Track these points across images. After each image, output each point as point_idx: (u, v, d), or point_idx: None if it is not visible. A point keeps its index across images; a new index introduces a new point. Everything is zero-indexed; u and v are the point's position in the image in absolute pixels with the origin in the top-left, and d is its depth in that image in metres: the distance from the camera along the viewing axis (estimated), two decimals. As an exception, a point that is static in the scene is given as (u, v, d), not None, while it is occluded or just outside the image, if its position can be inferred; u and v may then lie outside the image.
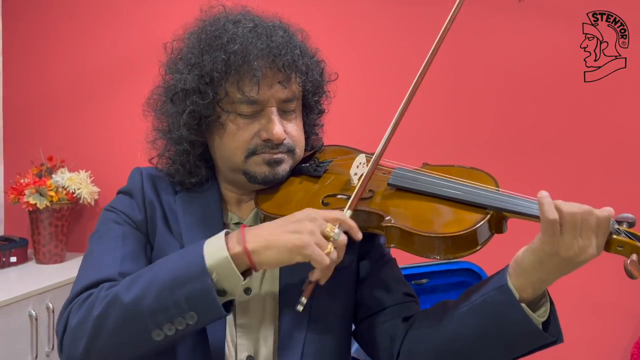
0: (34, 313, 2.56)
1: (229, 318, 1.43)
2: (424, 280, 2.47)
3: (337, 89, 1.62)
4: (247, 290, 1.44)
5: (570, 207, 1.14)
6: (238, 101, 1.40)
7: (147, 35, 3.21)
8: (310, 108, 1.59)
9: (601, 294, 2.73)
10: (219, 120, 1.44)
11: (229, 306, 1.25)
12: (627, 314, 2.74)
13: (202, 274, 1.18)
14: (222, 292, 1.21)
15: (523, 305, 1.20)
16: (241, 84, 1.39)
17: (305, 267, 1.38)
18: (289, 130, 1.46)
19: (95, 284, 1.31)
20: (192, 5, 1.49)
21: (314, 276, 1.24)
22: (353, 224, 1.26)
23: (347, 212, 1.30)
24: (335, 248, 1.21)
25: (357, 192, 1.34)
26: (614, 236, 1.18)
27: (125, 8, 3.33)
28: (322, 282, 1.25)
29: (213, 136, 1.48)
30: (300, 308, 1.22)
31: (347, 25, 3.01)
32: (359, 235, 1.26)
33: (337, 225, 1.23)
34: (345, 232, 1.26)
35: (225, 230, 1.26)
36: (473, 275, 2.45)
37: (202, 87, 1.40)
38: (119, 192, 1.56)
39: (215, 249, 1.21)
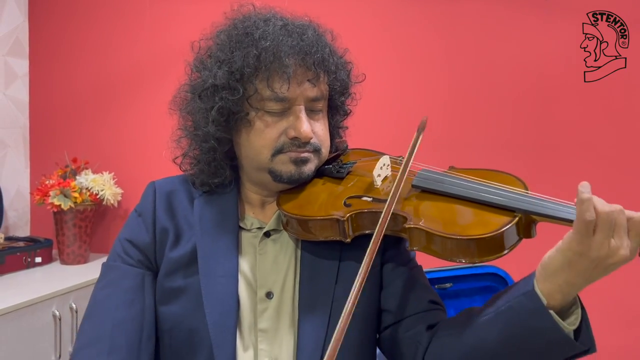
0: (57, 313, 2.55)
1: (250, 323, 1.39)
2: (448, 285, 2.37)
3: (362, 91, 1.59)
4: (269, 295, 1.40)
5: (606, 206, 1.07)
6: (267, 98, 1.37)
7: (169, 37, 3.18)
8: (336, 109, 1.54)
9: (635, 301, 2.64)
10: (247, 117, 1.40)
11: None
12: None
13: None
14: None
15: (551, 312, 1.10)
16: (271, 80, 1.35)
17: (324, 272, 1.37)
18: (316, 129, 1.42)
19: (92, 343, 1.35)
20: (213, 8, 1.46)
21: None
22: None
23: None
24: None
25: (388, 206, 1.25)
26: None
27: (147, 11, 3.29)
28: None
29: (240, 133, 1.43)
30: None
31: (371, 27, 2.96)
32: None
33: None
34: None
35: None
36: (499, 280, 2.33)
37: (232, 83, 1.36)
38: (134, 209, 1.53)
39: None
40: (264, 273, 1.42)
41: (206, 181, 1.48)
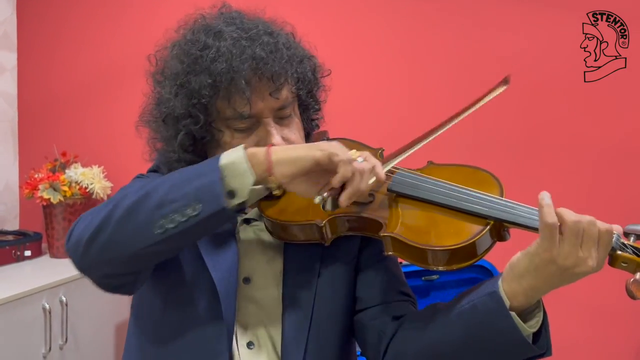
0: (47, 306, 2.51)
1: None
2: (435, 277, 2.43)
3: (348, 79, 1.54)
4: (246, 280, 1.39)
5: (574, 215, 1.09)
6: (231, 117, 1.33)
7: (160, 31, 3.14)
8: (306, 105, 1.50)
9: (610, 294, 2.62)
10: (215, 138, 1.37)
11: (239, 210, 1.19)
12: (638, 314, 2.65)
13: (212, 171, 1.15)
14: (231, 194, 1.15)
15: (512, 313, 1.13)
16: (232, 101, 1.31)
17: (307, 266, 1.36)
18: (288, 136, 1.38)
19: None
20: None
21: (335, 179, 1.17)
22: (378, 163, 1.23)
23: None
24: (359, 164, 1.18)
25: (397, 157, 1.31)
26: (619, 252, 1.11)
27: (135, 4, 3.27)
28: (342, 200, 1.18)
29: (211, 154, 1.39)
30: (317, 200, 1.18)
31: (363, 21, 2.92)
32: (381, 174, 1.23)
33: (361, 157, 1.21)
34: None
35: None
36: (484, 272, 2.37)
37: (193, 111, 1.32)
38: (148, 171, 1.52)
39: (232, 151, 1.18)
40: (242, 259, 1.41)
41: None
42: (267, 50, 1.32)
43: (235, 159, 1.15)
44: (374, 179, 1.21)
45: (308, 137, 1.51)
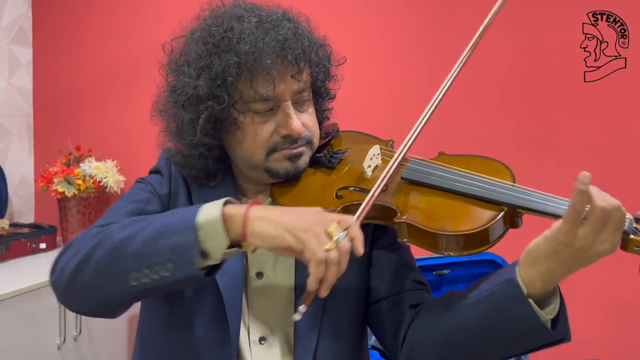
0: (62, 298, 2.54)
1: (242, 300, 1.40)
2: (446, 271, 2.43)
3: (358, 71, 1.56)
4: (259, 275, 1.42)
5: (603, 201, 1.07)
6: (252, 100, 1.35)
7: (172, 25, 3.16)
8: (320, 93, 1.53)
9: (622, 288, 2.63)
10: (235, 121, 1.38)
11: (213, 271, 1.20)
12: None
13: (188, 229, 1.14)
14: (205, 254, 1.16)
15: (530, 300, 1.13)
16: (254, 83, 1.33)
17: None
18: (305, 121, 1.41)
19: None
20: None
21: (311, 283, 1.12)
22: (359, 235, 1.14)
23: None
24: (337, 250, 1.11)
25: (368, 201, 1.26)
26: (632, 236, 1.12)
27: (149, -1, 3.30)
28: (322, 293, 1.13)
29: (230, 137, 1.42)
30: (297, 317, 1.14)
31: (366, 14, 2.94)
32: (360, 250, 1.14)
33: (343, 229, 1.14)
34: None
35: (229, 198, 1.21)
36: (496, 267, 2.36)
37: (216, 91, 1.33)
38: (149, 172, 1.54)
39: (211, 208, 1.16)
40: (255, 253, 1.41)
41: (200, 182, 1.48)
42: (290, 34, 1.34)
43: (212, 220, 1.15)
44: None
45: (320, 127, 1.53)
